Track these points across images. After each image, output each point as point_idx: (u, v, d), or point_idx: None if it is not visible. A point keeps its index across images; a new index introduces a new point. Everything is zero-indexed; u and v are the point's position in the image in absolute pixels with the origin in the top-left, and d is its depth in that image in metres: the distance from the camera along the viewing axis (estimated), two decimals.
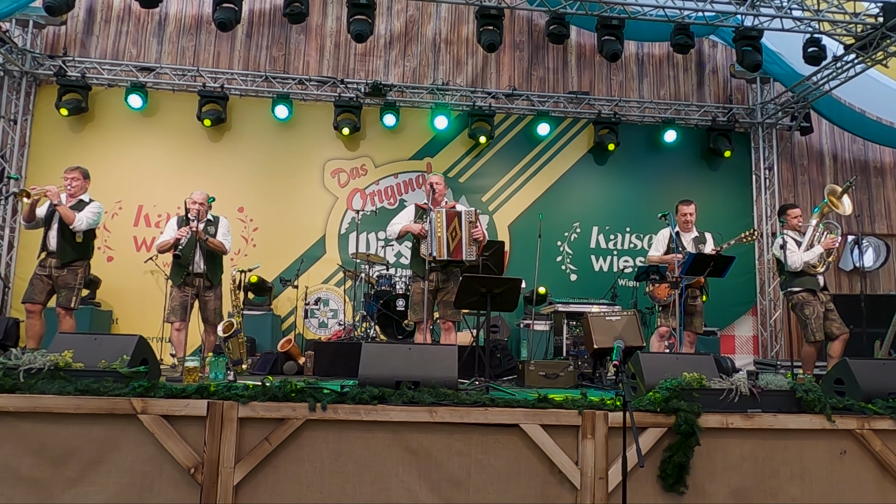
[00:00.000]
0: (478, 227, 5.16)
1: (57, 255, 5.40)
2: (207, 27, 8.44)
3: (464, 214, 5.14)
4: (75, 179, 5.56)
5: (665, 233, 6.00)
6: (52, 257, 5.42)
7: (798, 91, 8.47)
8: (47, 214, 5.46)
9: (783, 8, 7.21)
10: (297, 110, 8.43)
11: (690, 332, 5.75)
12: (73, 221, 5.38)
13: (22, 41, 7.99)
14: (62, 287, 5.40)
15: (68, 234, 5.42)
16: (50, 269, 5.42)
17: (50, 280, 5.41)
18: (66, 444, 3.23)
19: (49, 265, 5.42)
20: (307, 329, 8.09)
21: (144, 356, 3.71)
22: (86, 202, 5.59)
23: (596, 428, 3.47)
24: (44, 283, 5.41)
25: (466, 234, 5.09)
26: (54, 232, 5.42)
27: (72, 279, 5.43)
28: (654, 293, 5.81)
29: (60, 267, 5.41)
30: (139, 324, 7.34)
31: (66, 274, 5.42)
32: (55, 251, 5.41)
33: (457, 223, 5.10)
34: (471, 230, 5.11)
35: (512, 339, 7.71)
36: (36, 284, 5.39)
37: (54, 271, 5.41)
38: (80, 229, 5.44)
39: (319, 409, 3.34)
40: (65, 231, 5.42)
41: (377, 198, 8.55)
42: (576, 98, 8.86)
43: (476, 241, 5.15)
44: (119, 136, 8.18)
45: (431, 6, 8.88)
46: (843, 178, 9.08)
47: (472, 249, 5.11)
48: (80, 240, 5.49)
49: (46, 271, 5.42)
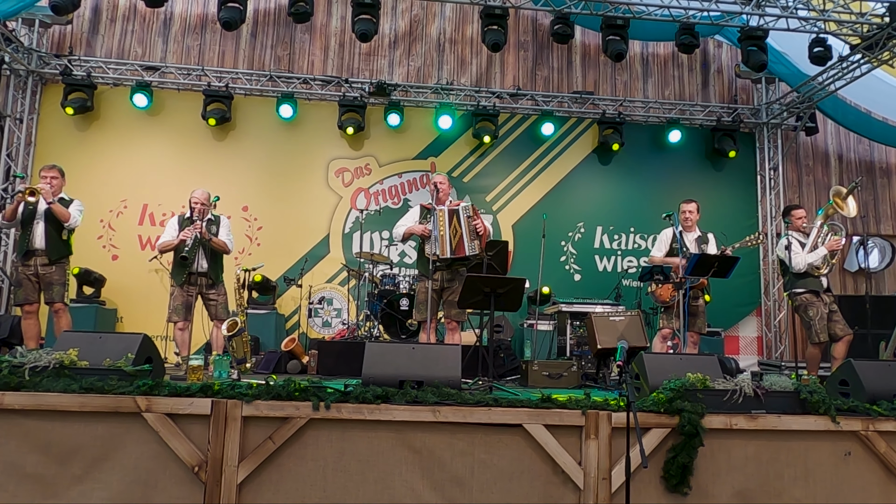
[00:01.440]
0: (478, 220, 5.15)
1: (46, 253, 5.42)
2: (212, 26, 8.46)
3: (461, 210, 5.15)
4: (55, 178, 5.55)
5: (668, 233, 5.97)
6: (38, 255, 5.43)
7: (803, 91, 8.44)
8: (27, 213, 5.44)
9: (789, 8, 7.19)
10: (302, 109, 8.44)
11: (694, 333, 5.73)
12: (69, 219, 5.44)
13: (28, 40, 8.02)
14: (52, 284, 5.43)
15: (57, 232, 5.46)
16: (36, 267, 5.42)
17: (37, 278, 5.43)
18: (71, 442, 3.24)
19: (35, 264, 5.42)
20: (311, 328, 8.11)
21: (149, 355, 3.72)
22: (67, 200, 5.60)
23: (599, 428, 3.46)
24: (32, 282, 5.43)
25: (466, 229, 5.10)
26: (41, 230, 5.42)
27: (60, 275, 5.49)
28: (657, 294, 5.78)
29: (49, 264, 5.43)
30: (144, 322, 7.35)
31: (54, 270, 5.44)
32: (43, 249, 5.42)
33: (456, 220, 5.12)
34: (471, 224, 5.11)
35: (515, 339, 7.71)
36: (26, 285, 5.41)
37: (41, 269, 5.42)
38: (74, 226, 5.51)
39: (323, 408, 3.35)
40: (53, 229, 5.44)
41: (381, 197, 8.56)
42: (580, 98, 8.85)
43: (478, 235, 5.14)
44: (124, 135, 8.21)
45: (436, 6, 8.88)
46: (848, 178, 9.05)
47: (474, 244, 5.10)
48: (65, 237, 5.54)
49: (32, 270, 5.42)
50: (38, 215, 5.43)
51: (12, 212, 5.39)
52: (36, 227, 5.43)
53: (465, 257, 5.16)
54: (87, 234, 7.47)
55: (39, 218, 5.44)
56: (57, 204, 5.42)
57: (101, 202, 7.90)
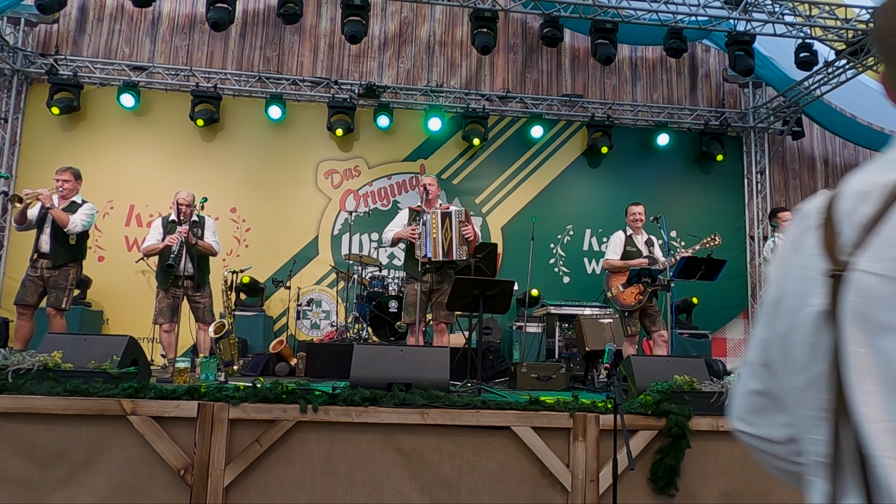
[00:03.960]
0: (468, 226, 5.17)
1: (50, 258, 5.36)
2: (201, 27, 8.41)
3: (454, 214, 5.17)
4: (67, 181, 5.50)
5: (620, 235, 5.93)
6: (44, 259, 5.37)
7: (790, 96, 8.52)
8: (39, 217, 5.40)
9: (775, 13, 7.26)
10: (291, 111, 8.41)
11: (664, 332, 5.73)
12: (67, 224, 5.33)
13: (13, 39, 7.94)
14: (53, 287, 5.36)
15: (61, 237, 5.38)
16: (42, 270, 5.37)
17: (42, 281, 5.37)
18: (55, 446, 3.20)
19: (41, 266, 5.37)
20: (299, 330, 8.07)
21: (135, 357, 3.69)
22: (78, 204, 5.53)
23: (587, 430, 3.47)
24: (36, 284, 5.37)
25: (457, 234, 5.12)
26: (47, 234, 5.37)
27: (63, 280, 5.39)
28: (620, 299, 5.67)
29: (53, 268, 5.36)
30: (130, 324, 7.30)
31: (58, 275, 5.37)
32: (48, 253, 5.36)
33: (448, 224, 5.14)
34: (461, 229, 5.13)
35: (504, 342, 7.71)
36: (28, 286, 5.35)
37: (46, 272, 5.37)
38: (74, 232, 5.39)
39: (311, 410, 3.33)
40: (58, 234, 5.37)
41: (370, 199, 8.54)
42: (569, 101, 8.88)
43: (467, 241, 5.16)
44: (111, 136, 8.14)
45: (426, 8, 8.89)
46: (834, 182, 9.14)
47: (462, 249, 5.12)
48: (73, 242, 5.44)
49: (38, 273, 5.37)
50: (47, 220, 5.38)
51: (19, 216, 5.35)
52: (44, 231, 5.38)
53: (454, 261, 5.18)
54: None
55: (48, 222, 5.38)
56: (56, 209, 5.32)
57: None
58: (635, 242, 5.83)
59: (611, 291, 5.76)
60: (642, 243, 5.88)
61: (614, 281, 5.76)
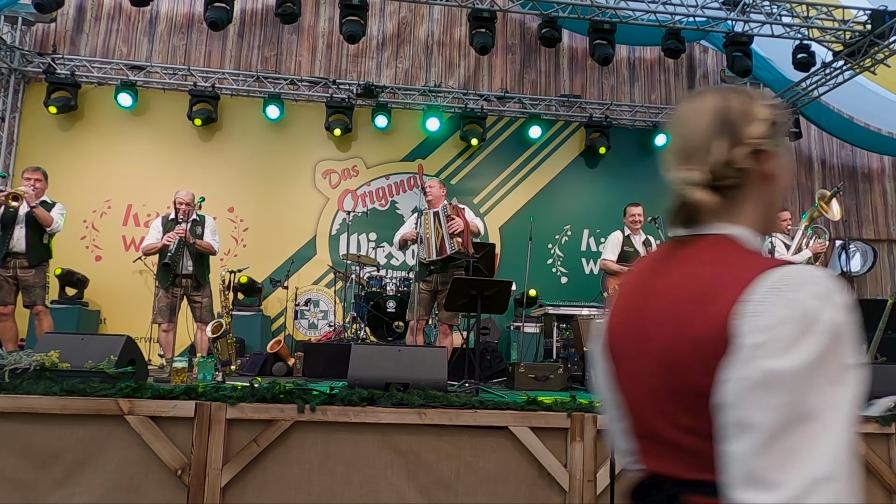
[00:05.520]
0: (454, 219, 5.18)
1: (27, 256, 5.36)
2: (199, 26, 8.40)
3: (440, 210, 5.22)
4: (38, 180, 5.49)
5: (618, 235, 5.96)
6: (18, 258, 5.36)
7: (787, 97, 8.53)
8: (7, 216, 5.37)
9: (773, 14, 7.28)
10: (289, 110, 8.41)
11: None
12: (51, 224, 5.38)
13: (11, 38, 7.92)
14: (33, 286, 5.37)
15: (38, 236, 5.40)
16: (15, 269, 5.36)
17: (15, 281, 5.37)
18: (52, 445, 3.19)
19: (14, 266, 5.36)
20: (297, 330, 8.06)
21: (132, 357, 3.68)
22: (49, 204, 5.55)
23: (585, 430, 3.47)
24: (10, 284, 5.37)
25: (445, 228, 5.15)
26: (22, 233, 5.36)
27: (41, 278, 5.44)
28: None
29: (28, 267, 5.36)
30: (128, 324, 7.28)
31: (33, 274, 5.39)
32: (24, 252, 5.36)
33: (437, 222, 5.18)
34: (447, 223, 5.15)
35: (502, 342, 7.72)
36: (3, 287, 5.34)
37: (20, 272, 5.36)
38: (57, 231, 5.45)
39: (308, 410, 3.32)
40: (34, 232, 5.38)
41: (368, 199, 8.54)
42: (567, 101, 8.89)
43: (459, 234, 5.17)
44: (108, 135, 8.13)
45: (424, 8, 8.88)
46: (831, 183, 9.15)
47: (453, 242, 5.14)
48: (46, 241, 5.49)
49: (11, 272, 5.36)
50: (19, 219, 5.36)
51: None
52: (16, 230, 5.36)
53: (451, 257, 5.18)
54: (70, 234, 7.37)
55: (21, 221, 5.37)
56: (40, 208, 5.34)
57: (84, 202, 7.81)
58: (633, 243, 5.85)
59: (608, 291, 5.77)
60: (640, 244, 5.90)
61: (612, 281, 5.76)
